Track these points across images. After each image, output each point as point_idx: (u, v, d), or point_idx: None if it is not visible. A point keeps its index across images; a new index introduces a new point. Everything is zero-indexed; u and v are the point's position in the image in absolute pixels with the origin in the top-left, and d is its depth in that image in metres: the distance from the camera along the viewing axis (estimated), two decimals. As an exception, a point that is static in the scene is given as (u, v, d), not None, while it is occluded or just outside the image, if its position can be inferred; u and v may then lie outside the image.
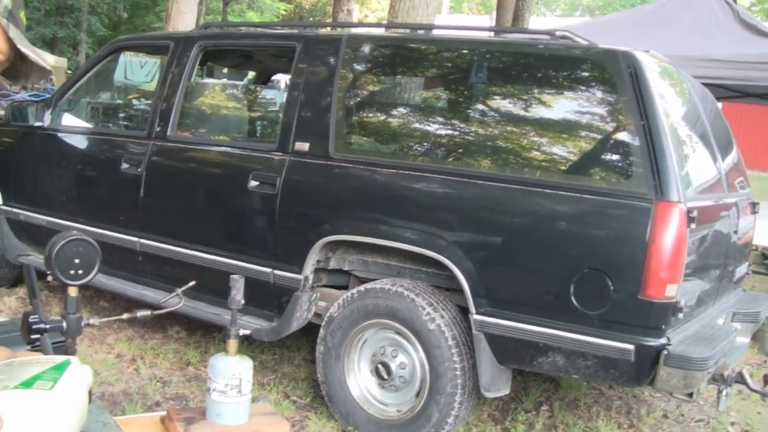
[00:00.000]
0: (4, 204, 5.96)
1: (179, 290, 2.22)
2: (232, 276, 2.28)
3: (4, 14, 1.71)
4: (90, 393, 1.96)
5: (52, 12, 35.57)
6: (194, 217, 4.91)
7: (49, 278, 1.97)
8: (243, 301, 2.35)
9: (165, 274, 5.07)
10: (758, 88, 8.99)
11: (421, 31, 4.96)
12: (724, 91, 9.29)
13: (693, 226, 3.61)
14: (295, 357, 5.32)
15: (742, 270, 4.98)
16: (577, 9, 57.00)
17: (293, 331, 4.47)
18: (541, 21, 29.67)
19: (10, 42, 1.72)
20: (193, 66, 5.21)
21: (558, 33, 4.24)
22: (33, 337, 1.97)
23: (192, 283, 2.28)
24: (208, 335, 5.54)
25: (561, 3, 59.41)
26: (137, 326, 5.60)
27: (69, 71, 31.14)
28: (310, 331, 4.69)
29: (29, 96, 21.10)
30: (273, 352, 5.36)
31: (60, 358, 1.70)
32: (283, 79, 13.90)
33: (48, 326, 1.99)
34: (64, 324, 1.98)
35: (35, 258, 5.78)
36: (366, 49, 4.58)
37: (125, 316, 2.14)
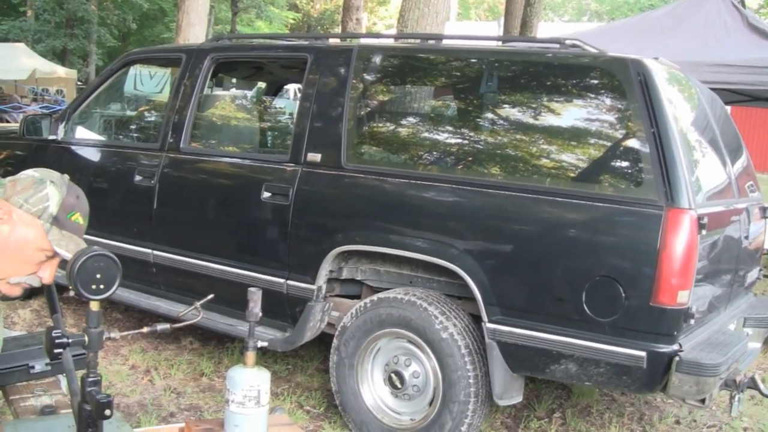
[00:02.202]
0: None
1: (198, 303, 2.25)
2: (249, 289, 2.31)
3: (48, 219, 2.19)
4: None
5: (62, 24, 35.86)
6: (207, 228, 4.94)
7: (71, 293, 2.01)
8: (260, 314, 2.38)
9: (178, 285, 5.11)
10: (767, 92, 9.00)
11: (431, 41, 4.99)
12: (734, 95, 9.29)
13: (704, 232, 3.62)
14: (309, 367, 5.35)
15: (753, 275, 4.99)
16: (585, 14, 57.08)
17: (306, 341, 4.50)
18: (549, 26, 29.68)
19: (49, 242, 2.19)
20: (206, 78, 5.26)
21: (567, 41, 4.26)
22: (56, 351, 2.01)
23: (210, 296, 2.31)
24: (222, 346, 5.57)
25: (569, 8, 59.49)
26: (151, 337, 5.64)
27: (79, 82, 31.40)
28: (322, 340, 4.72)
29: (41, 108, 21.31)
30: (286, 362, 5.39)
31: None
32: (292, 88, 13.97)
33: (70, 340, 2.02)
34: (86, 338, 2.02)
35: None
36: (377, 59, 4.62)
37: (145, 329, 2.17)
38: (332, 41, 5.06)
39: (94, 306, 1.99)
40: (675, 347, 3.57)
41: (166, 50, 7.01)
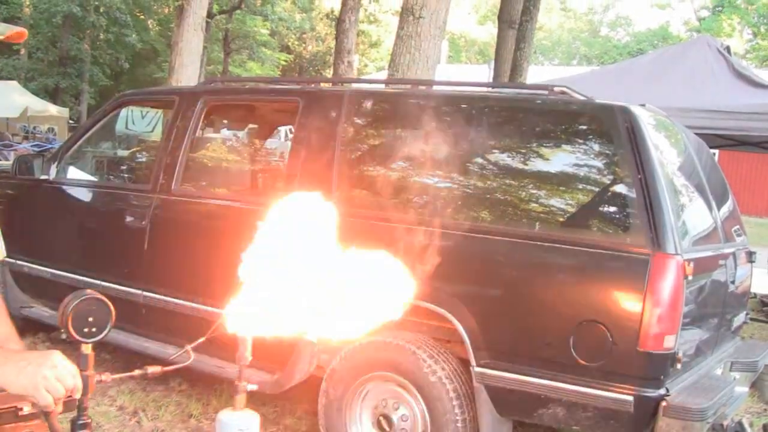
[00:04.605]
0: (7, 256, 6.01)
1: (189, 347, 2.27)
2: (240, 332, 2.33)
3: None
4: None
5: (55, 63, 35.99)
6: (198, 270, 4.95)
7: (63, 335, 2.02)
8: (250, 358, 2.39)
9: (168, 326, 5.11)
10: (753, 137, 9.10)
11: (421, 87, 5.06)
12: (720, 140, 9.40)
13: (690, 277, 3.66)
14: (297, 409, 5.33)
15: (740, 319, 5.02)
16: (574, 57, 57.64)
17: (295, 384, 4.50)
18: (539, 70, 29.94)
19: None
20: (198, 120, 5.30)
21: (556, 88, 4.32)
22: (45, 394, 2.01)
23: (201, 339, 2.32)
24: (210, 387, 5.55)
25: (558, 52, 60.07)
26: (140, 378, 5.61)
27: (71, 121, 31.47)
28: (311, 383, 4.71)
29: (32, 146, 21.33)
30: (274, 404, 5.37)
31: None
32: (283, 130, 14.04)
33: (61, 383, 2.02)
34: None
35: (38, 310, 5.82)
36: (368, 104, 4.67)
37: (136, 372, 2.18)
38: (323, 86, 5.11)
39: (86, 349, 2.01)
40: (662, 392, 3.59)
41: (159, 92, 7.06)
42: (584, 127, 4.14)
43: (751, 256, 5.15)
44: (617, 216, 3.84)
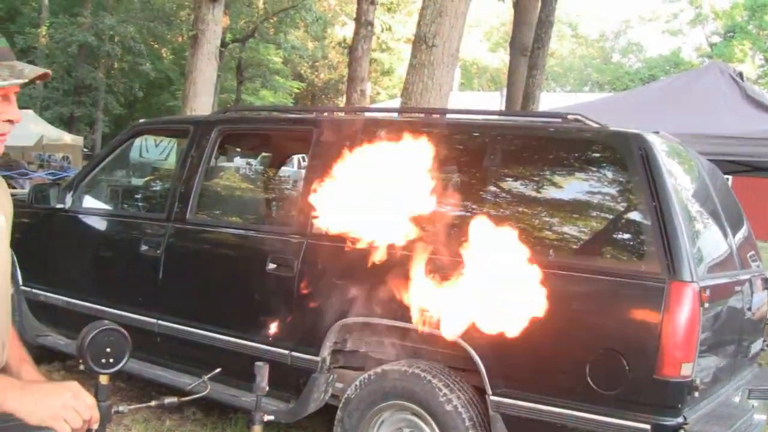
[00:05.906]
0: (23, 284, 6.04)
1: (206, 377, 2.27)
2: (256, 363, 2.33)
3: None
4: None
5: (70, 92, 36.19)
6: (213, 299, 4.97)
7: (81, 366, 2.03)
8: (267, 388, 2.40)
9: (183, 355, 5.11)
10: (767, 163, 9.07)
11: (435, 115, 5.07)
12: (734, 166, 9.37)
13: (706, 304, 3.65)
14: (312, 438, 5.32)
15: (757, 346, 4.98)
16: (586, 84, 57.70)
17: (310, 413, 4.49)
18: (551, 97, 29.98)
19: None
20: (213, 149, 5.33)
21: (570, 116, 4.32)
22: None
23: (218, 369, 2.33)
24: (225, 416, 5.54)
25: (570, 78, 60.14)
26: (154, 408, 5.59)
27: (85, 149, 31.65)
28: (326, 411, 4.70)
29: (47, 174, 21.44)
30: (289, 433, 5.36)
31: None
32: (296, 158, 14.09)
33: (79, 415, 2.03)
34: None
35: (53, 338, 5.84)
36: (382, 133, 4.69)
37: (153, 403, 2.19)
38: (338, 115, 5.14)
39: (104, 379, 2.02)
40: (680, 420, 3.57)
41: (173, 121, 7.11)
42: (598, 155, 4.14)
43: (767, 283, 5.12)
44: (632, 243, 3.84)
